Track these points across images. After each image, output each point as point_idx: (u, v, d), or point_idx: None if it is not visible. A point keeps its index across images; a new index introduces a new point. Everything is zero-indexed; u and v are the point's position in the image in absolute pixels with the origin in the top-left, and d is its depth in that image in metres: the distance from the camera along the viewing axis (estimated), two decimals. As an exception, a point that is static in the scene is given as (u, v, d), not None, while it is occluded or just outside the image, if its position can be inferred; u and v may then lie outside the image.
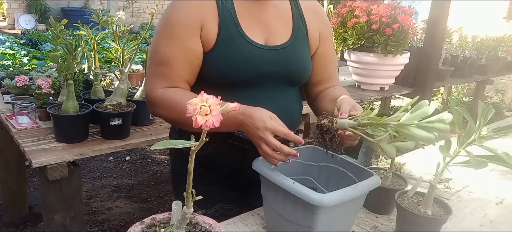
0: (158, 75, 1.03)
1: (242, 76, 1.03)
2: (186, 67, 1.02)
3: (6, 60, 4.48)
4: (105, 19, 1.89)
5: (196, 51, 1.01)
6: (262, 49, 1.05)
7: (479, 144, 0.81)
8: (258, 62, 1.03)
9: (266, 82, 1.07)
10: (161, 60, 1.02)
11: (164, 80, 1.03)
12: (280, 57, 1.07)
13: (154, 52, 1.04)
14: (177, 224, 0.67)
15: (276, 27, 1.09)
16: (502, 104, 6.55)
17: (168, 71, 1.02)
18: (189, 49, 1.01)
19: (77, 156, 1.52)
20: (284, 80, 1.10)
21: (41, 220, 1.97)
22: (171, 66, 1.02)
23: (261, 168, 0.90)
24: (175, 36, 1.00)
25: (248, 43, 1.03)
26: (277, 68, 1.07)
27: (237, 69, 1.02)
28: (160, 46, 1.03)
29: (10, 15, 10.54)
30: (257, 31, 1.06)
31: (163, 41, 1.02)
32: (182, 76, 1.03)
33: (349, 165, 0.97)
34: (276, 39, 1.08)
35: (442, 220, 0.91)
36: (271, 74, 1.06)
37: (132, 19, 11.73)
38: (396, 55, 2.70)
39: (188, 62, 1.02)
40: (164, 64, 1.02)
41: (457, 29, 4.16)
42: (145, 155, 3.83)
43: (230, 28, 1.02)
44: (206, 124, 0.53)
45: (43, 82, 1.81)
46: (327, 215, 0.81)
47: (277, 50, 1.07)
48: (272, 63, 1.06)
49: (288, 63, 1.08)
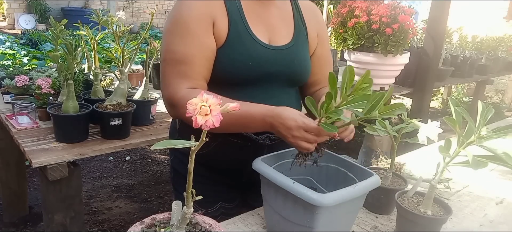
0: (178, 76, 1.00)
1: (248, 75, 1.04)
2: (205, 64, 1.01)
3: (6, 60, 4.48)
4: (105, 19, 1.89)
5: (211, 46, 1.01)
6: (268, 49, 1.06)
7: (479, 144, 0.80)
8: (264, 61, 1.04)
9: (269, 82, 1.08)
10: (179, 59, 1.00)
11: (186, 79, 1.00)
12: (284, 57, 1.08)
13: (170, 52, 1.01)
14: (177, 224, 0.67)
15: (279, 27, 1.10)
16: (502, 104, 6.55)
17: (188, 70, 1.00)
18: (205, 45, 1.00)
19: (77, 156, 1.52)
20: (286, 80, 1.11)
21: (41, 220, 1.97)
22: (191, 64, 1.00)
23: (261, 168, 0.90)
24: (191, 33, 0.99)
25: (255, 42, 1.04)
26: (281, 68, 1.08)
27: (244, 67, 1.02)
28: (176, 45, 1.01)
29: (10, 15, 10.54)
30: (262, 30, 1.07)
31: (177, 39, 1.00)
32: (202, 74, 1.02)
33: (349, 165, 0.97)
34: (278, 39, 1.09)
35: (442, 220, 0.91)
36: (275, 74, 1.07)
37: (132, 19, 11.73)
38: (396, 55, 2.70)
39: (206, 58, 1.01)
40: (183, 62, 1.00)
41: (457, 29, 4.16)
42: (145, 155, 3.83)
43: (239, 25, 1.03)
44: (206, 123, 0.53)
45: (43, 82, 1.81)
46: (327, 215, 0.81)
47: (281, 50, 1.08)
48: (277, 63, 1.07)
49: (291, 63, 1.09)
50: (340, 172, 0.98)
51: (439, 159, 0.90)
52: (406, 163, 1.31)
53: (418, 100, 3.20)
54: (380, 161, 1.30)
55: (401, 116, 1.03)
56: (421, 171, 1.25)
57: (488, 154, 0.80)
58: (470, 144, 0.82)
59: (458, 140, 0.84)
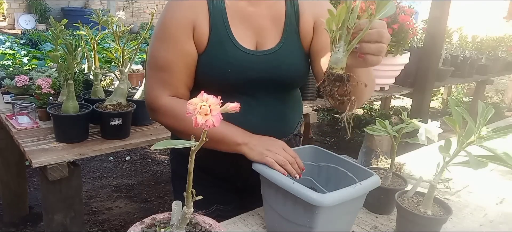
0: (159, 82, 1.01)
1: (230, 82, 1.00)
2: (186, 71, 1.00)
3: (6, 60, 4.48)
4: (105, 19, 1.89)
5: (192, 53, 0.99)
6: (250, 55, 1.01)
7: (479, 144, 0.80)
8: (245, 68, 1.00)
9: (256, 88, 1.03)
10: (160, 65, 1.00)
11: (167, 87, 1.01)
12: (270, 62, 1.02)
13: (152, 57, 1.02)
14: (177, 224, 0.67)
15: (267, 29, 1.04)
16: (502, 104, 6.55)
17: (168, 77, 1.00)
18: (186, 52, 0.99)
19: (77, 156, 1.52)
20: (274, 86, 1.05)
21: (41, 220, 1.97)
22: (171, 71, 1.00)
23: (261, 168, 0.90)
24: (172, 39, 0.98)
25: (236, 48, 0.99)
26: (266, 74, 1.02)
27: (224, 74, 0.99)
28: (157, 51, 1.00)
29: (10, 15, 10.55)
30: (248, 34, 1.02)
31: (159, 44, 1.00)
32: (182, 81, 1.01)
33: (349, 165, 0.97)
34: (267, 42, 1.03)
35: (442, 220, 0.91)
36: (260, 80, 1.02)
37: (132, 19, 11.73)
38: (396, 55, 2.70)
39: (187, 65, 1.00)
40: (164, 69, 1.00)
41: (457, 29, 4.16)
42: (145, 155, 3.82)
43: (220, 30, 0.99)
44: (206, 123, 0.53)
45: (43, 82, 1.81)
46: (327, 215, 0.81)
47: (266, 55, 1.02)
48: (261, 69, 1.01)
49: (277, 68, 1.02)
50: (340, 172, 0.98)
51: (439, 159, 0.90)
52: (406, 163, 1.31)
53: (418, 100, 3.20)
54: (380, 161, 1.30)
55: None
56: (421, 171, 1.25)
57: (488, 154, 0.80)
58: (470, 144, 0.82)
59: (458, 140, 0.84)
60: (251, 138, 0.98)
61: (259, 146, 0.96)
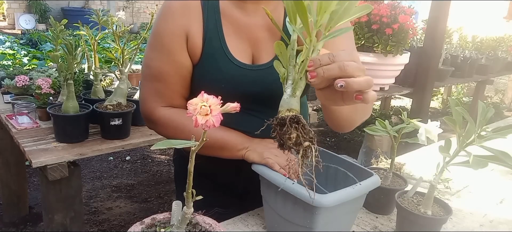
0: (154, 93, 0.99)
1: (225, 96, 0.97)
2: (181, 82, 0.98)
3: (6, 60, 4.48)
4: (105, 19, 1.89)
5: (186, 64, 0.96)
6: (245, 69, 0.96)
7: (479, 144, 0.80)
8: (239, 83, 0.96)
9: (252, 102, 0.99)
10: (155, 75, 0.97)
11: (162, 98, 0.98)
12: (265, 77, 0.97)
13: (147, 66, 0.98)
14: (177, 224, 0.67)
15: (264, 42, 0.98)
16: (502, 104, 6.55)
17: (163, 88, 0.97)
18: (180, 63, 0.96)
19: (77, 156, 1.52)
20: (271, 100, 0.97)
21: (41, 220, 1.97)
22: (166, 82, 0.97)
23: (261, 169, 0.90)
24: (165, 49, 0.94)
25: (230, 62, 0.95)
26: (261, 89, 0.97)
27: (217, 88, 0.95)
28: (151, 60, 0.97)
29: (10, 15, 10.55)
30: (243, 47, 0.98)
31: (153, 54, 0.97)
32: (178, 92, 0.99)
33: (349, 165, 0.97)
34: (263, 55, 0.98)
35: (442, 220, 0.91)
36: (255, 95, 0.98)
37: (132, 19, 11.73)
38: (396, 55, 2.70)
39: (181, 76, 0.97)
40: (159, 80, 0.97)
41: (457, 29, 4.16)
42: (145, 155, 3.83)
43: (214, 42, 0.94)
44: (206, 124, 0.53)
45: (43, 82, 1.81)
46: (327, 216, 0.81)
47: (261, 70, 0.97)
48: (256, 84, 0.96)
49: (273, 83, 0.94)
50: (340, 172, 0.98)
51: (439, 159, 0.90)
52: (406, 163, 1.31)
53: (418, 100, 3.20)
54: (380, 161, 1.30)
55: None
56: (421, 171, 1.25)
57: (488, 154, 0.80)
58: (470, 144, 0.82)
59: (458, 140, 0.84)
60: (251, 142, 0.98)
61: (259, 148, 0.96)
